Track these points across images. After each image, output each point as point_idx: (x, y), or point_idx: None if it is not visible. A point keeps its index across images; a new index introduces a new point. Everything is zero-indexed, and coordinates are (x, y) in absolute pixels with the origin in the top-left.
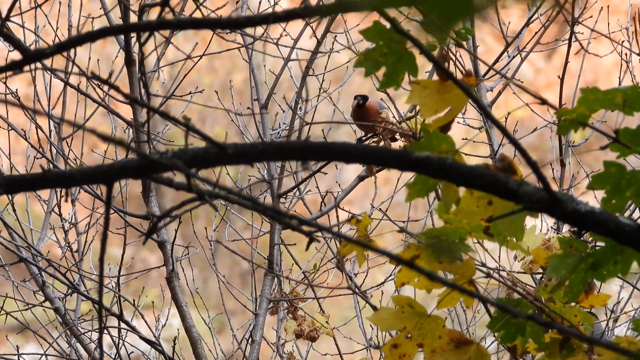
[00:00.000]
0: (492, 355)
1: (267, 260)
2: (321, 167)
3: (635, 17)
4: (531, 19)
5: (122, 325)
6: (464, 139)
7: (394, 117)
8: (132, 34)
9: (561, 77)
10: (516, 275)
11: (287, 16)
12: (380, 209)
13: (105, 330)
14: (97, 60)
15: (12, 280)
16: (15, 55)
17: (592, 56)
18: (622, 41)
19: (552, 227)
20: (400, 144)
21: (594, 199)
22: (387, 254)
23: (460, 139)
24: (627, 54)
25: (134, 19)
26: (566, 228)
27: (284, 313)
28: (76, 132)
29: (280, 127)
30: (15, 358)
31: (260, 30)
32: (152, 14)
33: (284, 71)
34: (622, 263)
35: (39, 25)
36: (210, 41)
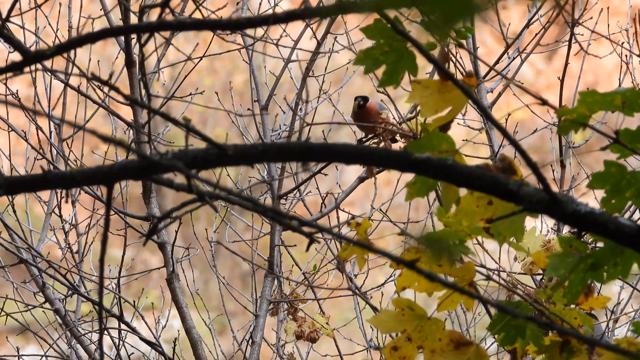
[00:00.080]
0: (492, 356)
1: (268, 261)
2: (321, 168)
3: (636, 18)
4: (531, 20)
5: (123, 326)
6: (464, 140)
7: (394, 118)
8: (133, 35)
9: (561, 79)
10: (516, 277)
11: (287, 17)
12: (381, 210)
13: (106, 331)
14: (98, 61)
15: (12, 282)
16: (16, 57)
17: (593, 58)
18: (622, 42)
19: (552, 228)
20: (401, 144)
21: (594, 200)
22: (387, 255)
23: (460, 140)
24: (627, 55)
25: (134, 20)
26: (566, 229)
27: (285, 314)
28: (76, 133)
29: (280, 128)
30: (16, 359)
31: (260, 32)
32: (152, 15)
33: (284, 72)
34: (622, 265)
35: (39, 26)
36: (211, 42)
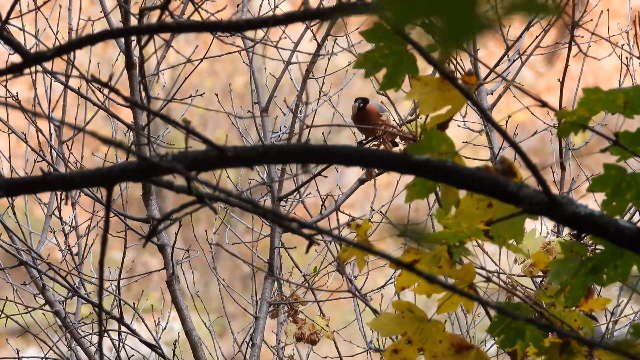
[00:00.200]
0: (492, 358)
1: (268, 263)
2: (322, 170)
3: (636, 20)
4: (532, 22)
5: (123, 328)
6: (464, 142)
7: (395, 120)
8: (133, 38)
9: (561, 81)
10: (516, 279)
11: (287, 19)
12: (381, 211)
13: (106, 333)
14: (98, 63)
15: (12, 284)
16: (16, 58)
17: (593, 60)
18: (623, 44)
19: (552, 230)
20: (401, 147)
21: (594, 202)
22: (387, 257)
23: (460, 141)
24: (627, 57)
25: (134, 22)
26: (566, 231)
27: (285, 316)
28: (76, 135)
29: (280, 130)
30: None
31: (260, 34)
32: (152, 18)
33: (284, 74)
34: (622, 267)
35: (39, 28)
36: (211, 44)
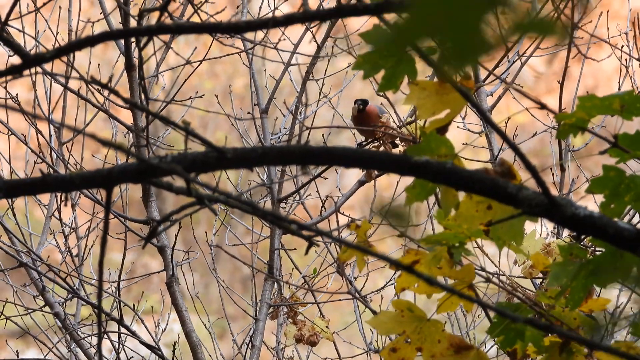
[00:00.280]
0: (492, 359)
1: (267, 265)
2: (321, 171)
3: (635, 22)
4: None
5: (122, 330)
6: (464, 143)
7: (394, 122)
8: (133, 39)
9: (561, 82)
10: (516, 280)
11: (286, 21)
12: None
13: (105, 335)
14: (98, 65)
15: (12, 285)
16: (16, 60)
17: (592, 61)
18: (622, 46)
19: (551, 232)
20: (401, 148)
21: (593, 204)
22: (386, 258)
23: (460, 143)
24: (627, 59)
25: (134, 24)
26: (566, 233)
27: (284, 318)
28: (76, 137)
29: (280, 132)
30: None
31: (260, 35)
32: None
33: (284, 76)
34: (621, 269)
35: (39, 29)
36: (211, 46)
